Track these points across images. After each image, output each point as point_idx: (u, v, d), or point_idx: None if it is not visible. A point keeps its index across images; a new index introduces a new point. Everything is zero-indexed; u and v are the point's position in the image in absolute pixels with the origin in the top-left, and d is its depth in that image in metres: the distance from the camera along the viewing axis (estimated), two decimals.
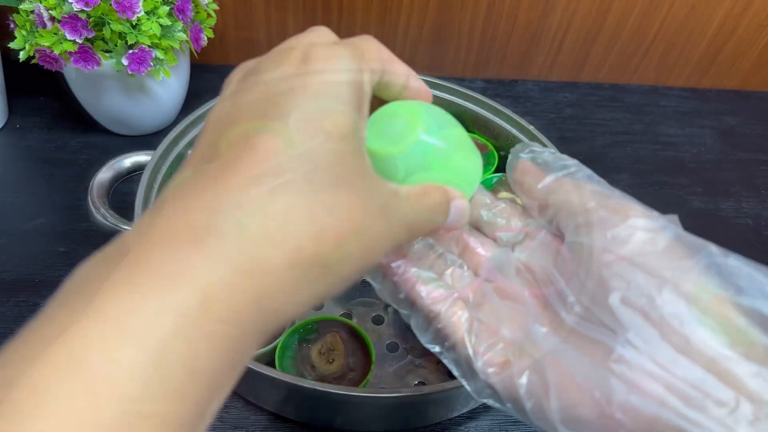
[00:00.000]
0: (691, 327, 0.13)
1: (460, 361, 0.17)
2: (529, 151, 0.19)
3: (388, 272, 0.18)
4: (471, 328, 0.17)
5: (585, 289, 0.15)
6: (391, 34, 0.50)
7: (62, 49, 0.34)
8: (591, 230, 0.15)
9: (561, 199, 0.17)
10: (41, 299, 0.36)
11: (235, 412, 0.28)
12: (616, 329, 0.14)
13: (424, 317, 0.18)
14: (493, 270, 0.19)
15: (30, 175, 0.40)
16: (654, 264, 0.14)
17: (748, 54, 0.53)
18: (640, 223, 0.14)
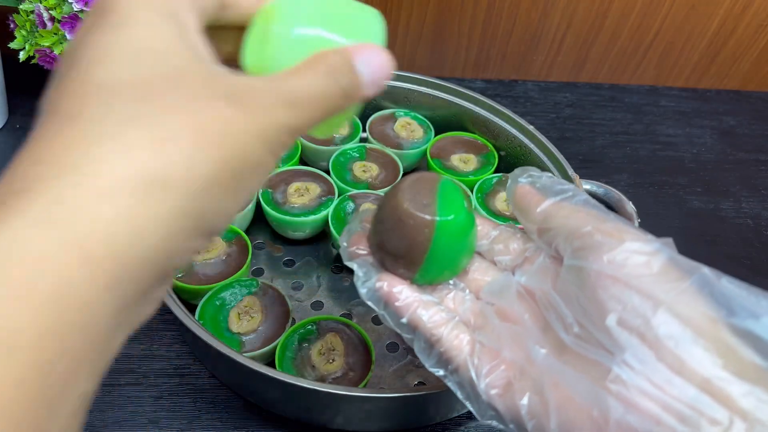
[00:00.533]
0: (686, 347, 0.13)
1: (464, 383, 0.17)
2: (527, 176, 0.19)
3: (390, 298, 0.18)
4: (473, 350, 0.18)
5: (583, 310, 0.16)
6: (391, 34, 0.50)
7: (62, 49, 0.34)
8: (588, 254, 0.16)
9: (559, 222, 0.17)
10: None
11: (235, 412, 0.29)
12: (613, 350, 0.14)
13: (426, 341, 0.18)
14: (493, 293, 0.20)
15: None
16: (649, 286, 0.14)
17: (747, 54, 0.53)
18: (635, 247, 0.15)
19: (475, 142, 0.41)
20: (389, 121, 0.41)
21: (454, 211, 0.18)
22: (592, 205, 0.18)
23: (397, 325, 0.19)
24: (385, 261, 0.19)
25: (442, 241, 0.18)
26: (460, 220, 0.19)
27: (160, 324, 0.32)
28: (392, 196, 0.19)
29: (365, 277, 0.19)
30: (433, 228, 0.18)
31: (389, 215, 0.19)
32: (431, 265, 0.19)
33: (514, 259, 0.20)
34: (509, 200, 0.20)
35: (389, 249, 0.19)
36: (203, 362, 0.30)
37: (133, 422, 0.28)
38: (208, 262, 0.31)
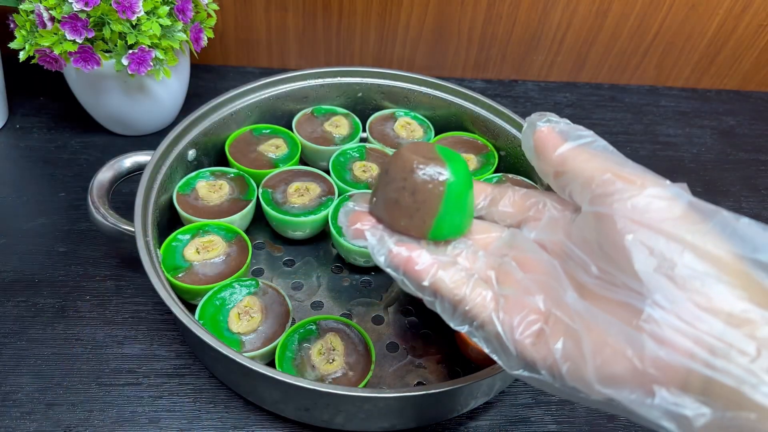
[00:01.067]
0: (712, 285, 0.14)
1: (490, 338, 0.18)
2: (546, 120, 0.19)
3: (408, 263, 0.18)
4: (497, 305, 0.18)
5: (605, 256, 0.16)
6: (391, 34, 0.50)
7: (62, 49, 0.34)
8: (610, 200, 0.16)
9: (577, 167, 0.17)
10: (41, 299, 0.36)
11: (235, 411, 0.28)
12: (642, 291, 0.15)
13: (449, 302, 0.18)
14: (505, 246, 0.20)
15: (30, 175, 0.40)
16: (673, 229, 0.15)
17: (747, 54, 0.53)
18: (657, 192, 0.15)
19: (475, 142, 0.41)
20: (389, 121, 0.41)
21: (459, 164, 0.19)
22: (610, 151, 0.18)
23: (418, 288, 0.19)
24: (399, 221, 0.19)
25: (455, 189, 0.18)
26: (465, 173, 0.19)
27: (160, 324, 0.32)
28: (397, 156, 0.19)
29: (380, 244, 0.19)
30: (445, 176, 0.18)
31: (399, 171, 0.19)
32: (447, 215, 0.19)
33: (517, 214, 0.20)
34: (524, 145, 0.20)
35: (403, 205, 0.19)
36: (203, 362, 0.30)
37: (133, 422, 0.28)
38: (208, 262, 0.31)
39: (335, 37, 0.50)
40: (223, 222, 0.33)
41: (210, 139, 0.37)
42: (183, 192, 0.34)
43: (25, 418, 0.27)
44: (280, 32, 0.49)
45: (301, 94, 0.40)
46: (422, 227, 0.19)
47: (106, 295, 0.33)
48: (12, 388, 0.28)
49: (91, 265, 0.34)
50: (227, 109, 0.37)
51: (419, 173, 0.18)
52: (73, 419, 0.28)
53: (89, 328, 0.31)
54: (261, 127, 0.39)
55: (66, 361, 0.30)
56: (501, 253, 0.20)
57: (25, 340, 0.30)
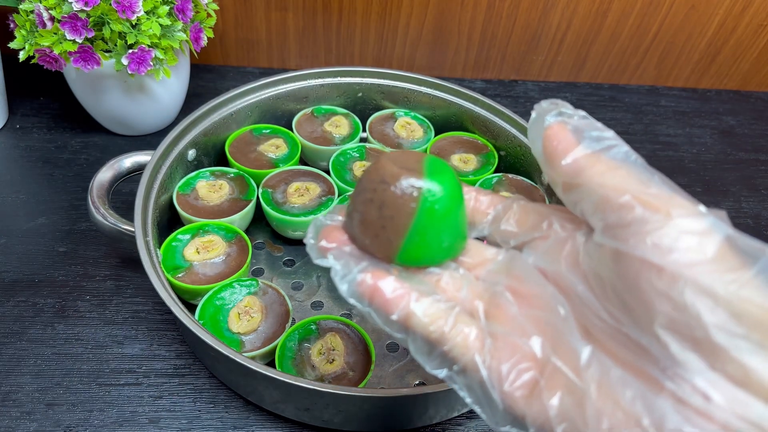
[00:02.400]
0: (750, 355, 0.11)
1: (473, 386, 0.14)
2: (557, 113, 0.15)
3: (375, 292, 0.15)
4: (483, 345, 0.15)
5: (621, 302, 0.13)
6: (391, 34, 0.50)
7: (62, 49, 0.34)
8: (627, 233, 0.13)
9: (591, 180, 0.14)
10: (41, 299, 0.36)
11: (234, 411, 0.28)
12: (662, 358, 0.12)
13: (423, 340, 0.15)
14: (499, 271, 0.16)
15: (30, 175, 0.40)
16: (704, 278, 0.12)
17: (747, 54, 0.53)
18: (686, 225, 0.12)
19: (475, 142, 0.41)
20: (389, 121, 0.41)
21: (444, 179, 0.16)
22: (632, 161, 0.14)
23: (386, 322, 0.15)
24: (364, 239, 0.16)
25: (431, 208, 0.15)
26: (450, 189, 0.16)
27: (160, 324, 0.32)
28: (374, 164, 0.16)
29: (344, 270, 0.16)
30: (420, 190, 0.15)
31: (370, 181, 0.16)
32: (418, 237, 0.15)
33: (521, 234, 0.17)
34: (531, 141, 0.16)
35: (369, 221, 0.16)
36: (203, 362, 0.30)
37: (133, 422, 0.28)
38: (208, 262, 0.31)
39: (335, 37, 0.50)
40: (223, 222, 0.33)
41: (210, 139, 0.37)
42: (183, 192, 0.34)
43: (25, 418, 0.27)
44: (280, 32, 0.49)
45: (301, 94, 0.40)
46: (388, 248, 0.16)
47: (106, 295, 0.33)
48: (12, 388, 0.28)
49: (91, 265, 0.34)
50: (227, 109, 0.37)
51: (389, 184, 0.15)
52: (73, 419, 0.28)
53: (89, 328, 0.31)
54: (261, 127, 0.39)
55: (66, 360, 0.30)
56: (494, 280, 0.16)
57: (25, 340, 0.30)
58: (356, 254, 0.16)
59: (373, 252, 0.16)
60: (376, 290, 0.15)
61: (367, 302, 0.15)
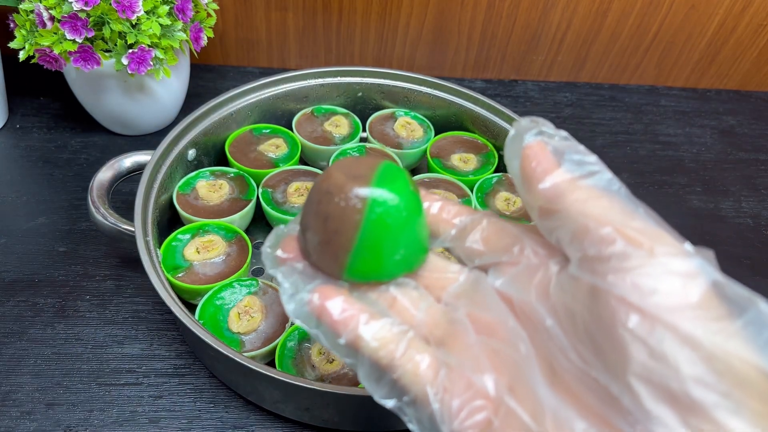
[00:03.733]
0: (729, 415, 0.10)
1: (422, 419, 0.13)
2: (538, 132, 0.14)
3: (323, 313, 0.14)
4: (436, 376, 0.13)
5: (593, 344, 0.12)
6: (390, 34, 0.50)
7: (62, 49, 0.34)
8: (606, 268, 0.11)
9: (570, 207, 0.13)
10: (41, 299, 0.36)
11: (234, 411, 0.28)
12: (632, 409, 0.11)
13: (372, 366, 0.14)
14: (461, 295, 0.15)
15: (30, 174, 0.40)
16: (686, 325, 0.10)
17: (747, 54, 0.53)
18: (670, 265, 0.11)
19: (475, 141, 0.41)
20: (389, 121, 0.41)
21: (395, 188, 0.14)
22: (616, 190, 0.13)
23: (333, 346, 0.14)
24: (312, 253, 0.15)
25: (378, 220, 0.14)
26: (403, 197, 0.14)
27: (160, 324, 0.32)
28: (323, 173, 0.15)
29: (292, 288, 0.15)
30: (365, 201, 0.14)
31: (317, 192, 0.15)
32: (366, 252, 0.14)
33: (487, 253, 0.15)
34: (508, 160, 0.15)
35: (315, 235, 0.15)
36: (203, 362, 0.30)
37: (133, 422, 0.28)
38: (208, 261, 0.31)
39: (335, 36, 0.50)
40: (223, 222, 0.33)
41: (210, 138, 0.37)
42: (183, 192, 0.34)
43: (25, 418, 0.27)
44: (280, 32, 0.49)
45: (301, 94, 0.40)
46: (334, 264, 0.15)
47: (106, 294, 0.33)
48: (12, 388, 0.28)
49: (91, 265, 0.34)
50: (227, 109, 0.37)
51: (334, 194, 0.14)
52: (73, 419, 0.28)
53: (89, 327, 0.31)
54: (261, 127, 0.39)
55: (66, 360, 0.30)
56: (454, 304, 0.15)
57: (25, 339, 0.30)
58: (308, 272, 0.15)
59: (321, 267, 0.15)
60: (323, 311, 0.14)
61: (315, 323, 0.14)
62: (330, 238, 0.14)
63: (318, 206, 0.15)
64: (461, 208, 0.16)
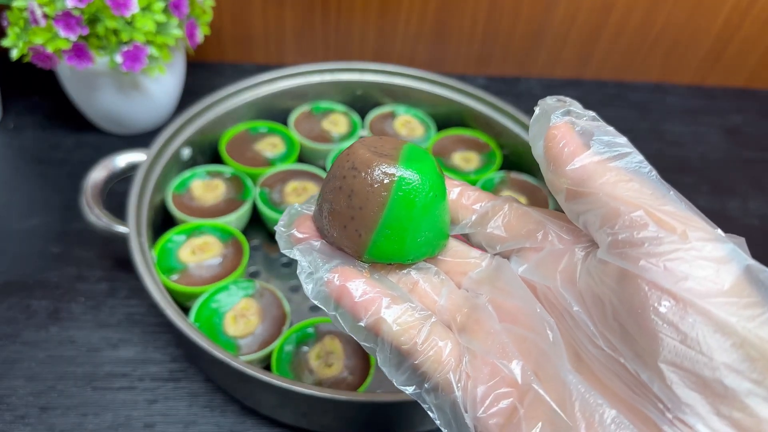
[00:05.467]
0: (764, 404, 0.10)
1: (444, 406, 0.13)
2: (565, 111, 0.14)
3: (343, 294, 0.14)
4: (459, 363, 0.13)
5: (622, 331, 0.12)
6: (390, 29, 0.49)
7: (56, 47, 0.34)
8: (637, 252, 0.11)
9: (599, 190, 0.12)
10: (34, 301, 0.35)
11: (231, 416, 0.28)
12: (662, 397, 0.11)
13: (393, 351, 0.14)
14: (483, 281, 0.15)
15: (23, 174, 0.39)
16: (719, 311, 0.10)
17: (754, 51, 0.52)
18: (704, 250, 0.11)
19: (477, 140, 0.40)
20: (388, 119, 0.41)
21: (422, 168, 0.14)
22: (646, 173, 0.13)
23: (352, 329, 0.14)
24: (332, 231, 0.15)
25: (405, 198, 0.14)
26: (430, 179, 0.14)
27: (155, 327, 0.31)
28: (346, 149, 0.15)
29: (311, 267, 0.14)
30: (393, 178, 0.14)
31: (340, 168, 0.14)
32: (390, 230, 0.14)
33: (510, 239, 0.15)
34: (532, 140, 0.14)
35: (337, 211, 0.14)
36: (199, 366, 0.30)
37: (128, 426, 0.27)
38: (203, 263, 0.30)
39: (334, 32, 0.49)
40: (218, 222, 0.32)
41: (205, 137, 0.36)
42: (178, 192, 0.34)
43: (18, 422, 0.27)
44: (277, 28, 0.48)
45: (299, 91, 0.39)
46: (357, 242, 0.14)
47: (100, 297, 0.32)
48: (5, 392, 0.28)
49: (85, 267, 0.34)
50: (223, 107, 0.36)
51: (360, 170, 0.14)
52: (67, 423, 0.27)
53: (83, 330, 0.31)
54: (258, 125, 0.38)
55: (60, 364, 0.29)
56: (476, 290, 0.15)
57: (19, 342, 0.30)
58: (326, 251, 0.15)
59: (341, 245, 0.15)
60: (343, 292, 0.14)
61: (333, 305, 0.14)
62: (354, 214, 0.14)
63: (342, 181, 0.14)
64: (481, 194, 0.16)
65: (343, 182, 0.14)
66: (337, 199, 0.14)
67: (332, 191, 0.15)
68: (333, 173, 0.15)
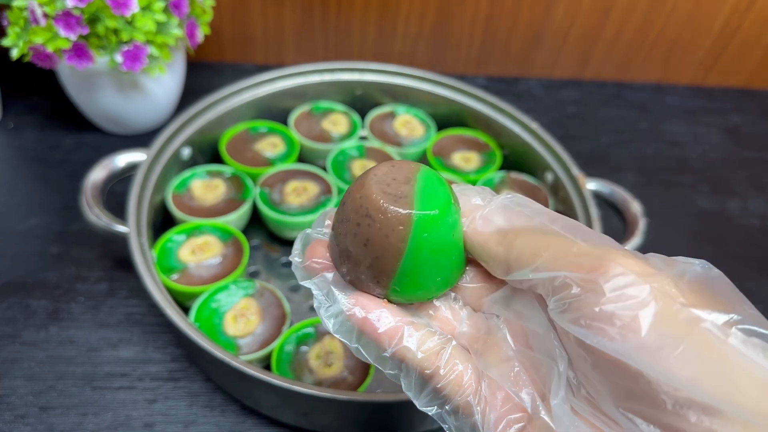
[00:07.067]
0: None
1: (464, 428, 0.14)
2: None
3: (366, 326, 0.14)
4: (478, 387, 0.14)
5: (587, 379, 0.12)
6: (390, 29, 0.49)
7: (56, 46, 0.34)
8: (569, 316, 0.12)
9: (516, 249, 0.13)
10: (34, 301, 0.35)
11: (231, 416, 0.28)
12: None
13: (417, 376, 0.14)
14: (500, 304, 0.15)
15: (23, 174, 0.39)
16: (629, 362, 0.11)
17: (753, 51, 0.52)
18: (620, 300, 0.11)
19: (477, 140, 0.40)
20: (388, 119, 0.41)
21: (437, 204, 0.14)
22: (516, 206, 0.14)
23: (378, 360, 0.14)
24: (350, 274, 0.15)
25: (422, 243, 0.14)
26: (445, 217, 0.14)
27: (154, 327, 0.31)
28: (358, 186, 0.14)
29: (328, 301, 0.14)
30: (409, 226, 0.13)
31: (354, 212, 0.14)
32: (408, 275, 0.14)
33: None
34: None
35: (354, 257, 0.14)
36: (199, 366, 0.30)
37: (127, 426, 0.27)
38: (203, 263, 0.30)
39: (333, 32, 0.49)
40: (218, 222, 0.32)
41: (205, 137, 0.36)
42: (178, 191, 0.34)
43: (18, 422, 0.27)
44: (277, 27, 0.48)
45: (298, 91, 0.39)
46: (376, 287, 0.14)
47: (99, 297, 0.32)
48: (5, 392, 0.28)
49: (85, 267, 0.34)
50: (223, 107, 0.36)
51: (374, 219, 0.13)
52: (67, 423, 0.27)
53: (83, 330, 0.31)
54: (258, 125, 0.38)
55: (60, 363, 0.29)
56: (494, 311, 0.15)
57: (18, 342, 0.30)
58: (341, 282, 0.15)
59: (361, 288, 0.15)
60: (366, 324, 0.14)
61: (356, 338, 0.14)
62: (371, 263, 0.14)
63: (357, 228, 0.14)
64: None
65: (357, 229, 0.14)
66: (353, 245, 0.14)
67: (347, 236, 0.14)
68: (346, 214, 0.14)
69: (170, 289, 0.29)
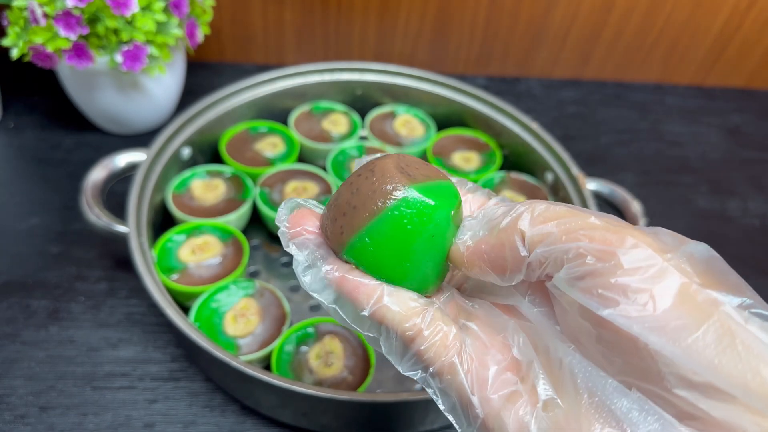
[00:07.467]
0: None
1: (449, 390, 0.13)
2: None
3: (345, 284, 0.13)
4: (463, 347, 0.13)
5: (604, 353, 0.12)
6: (390, 29, 0.49)
7: (56, 46, 0.34)
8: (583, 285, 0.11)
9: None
10: (34, 301, 0.35)
11: (231, 416, 0.28)
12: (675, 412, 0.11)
13: (398, 338, 0.13)
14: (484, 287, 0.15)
15: (23, 174, 0.39)
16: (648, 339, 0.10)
17: (753, 51, 0.52)
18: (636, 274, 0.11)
19: (477, 140, 0.40)
20: (388, 119, 0.41)
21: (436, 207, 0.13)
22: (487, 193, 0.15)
23: (355, 320, 0.14)
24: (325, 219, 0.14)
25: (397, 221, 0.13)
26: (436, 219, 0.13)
27: (154, 326, 0.31)
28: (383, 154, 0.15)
29: (308, 260, 0.14)
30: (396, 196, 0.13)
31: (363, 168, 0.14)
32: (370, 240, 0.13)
33: None
34: None
35: (338, 202, 0.14)
36: (199, 366, 0.30)
37: (127, 426, 0.27)
38: (203, 263, 0.30)
39: (333, 32, 0.49)
40: (218, 222, 0.32)
41: (205, 137, 0.36)
42: (178, 191, 0.34)
43: (18, 422, 0.27)
44: (277, 27, 0.48)
45: (298, 91, 0.39)
46: (338, 237, 0.14)
47: (100, 296, 0.32)
48: (5, 391, 0.28)
49: (85, 267, 0.34)
50: (223, 107, 0.36)
51: (374, 175, 0.14)
52: (67, 423, 0.27)
53: (83, 330, 0.31)
54: (258, 125, 0.38)
55: (60, 363, 0.29)
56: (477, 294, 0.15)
57: (18, 342, 0.30)
58: (323, 246, 0.14)
59: (325, 236, 0.14)
60: (344, 281, 0.13)
61: (332, 298, 0.14)
62: (347, 211, 0.14)
63: (355, 178, 0.14)
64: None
65: (355, 179, 0.14)
66: (342, 192, 0.14)
67: (344, 184, 0.14)
68: (355, 171, 0.15)
69: (170, 289, 0.29)
